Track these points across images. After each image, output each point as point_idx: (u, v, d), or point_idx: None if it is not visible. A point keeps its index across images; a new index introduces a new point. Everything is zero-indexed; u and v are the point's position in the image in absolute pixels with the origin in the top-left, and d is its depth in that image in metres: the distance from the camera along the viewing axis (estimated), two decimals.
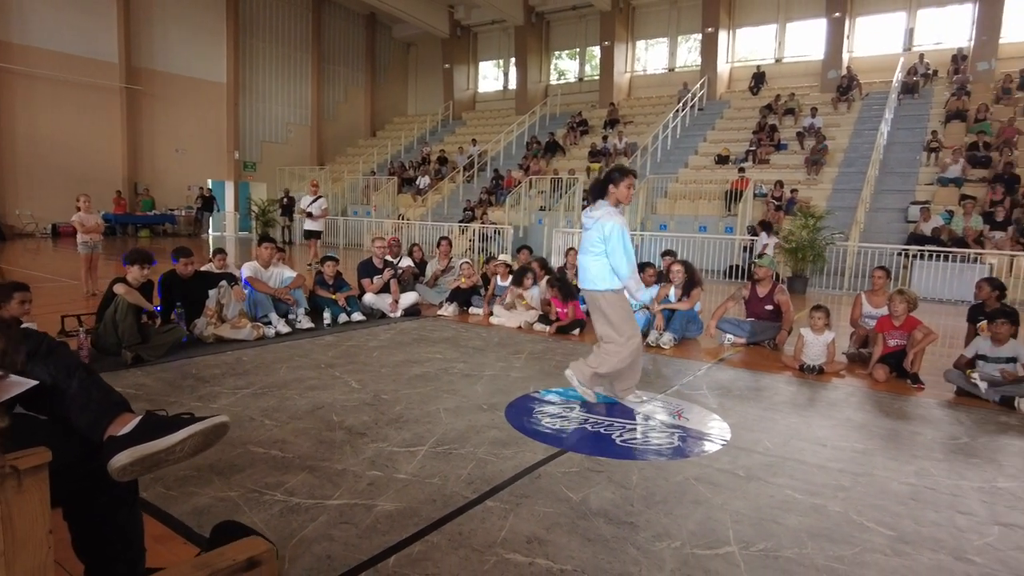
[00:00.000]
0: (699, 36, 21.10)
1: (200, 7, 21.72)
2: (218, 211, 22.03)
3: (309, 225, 12.65)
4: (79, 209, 8.55)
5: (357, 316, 6.89)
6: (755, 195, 13.97)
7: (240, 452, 3.26)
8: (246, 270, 6.49)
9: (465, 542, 2.45)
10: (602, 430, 3.75)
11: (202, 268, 6.59)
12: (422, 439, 3.51)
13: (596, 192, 4.18)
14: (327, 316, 6.74)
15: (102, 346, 5.06)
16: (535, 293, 7.00)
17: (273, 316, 6.27)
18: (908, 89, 16.63)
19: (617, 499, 2.87)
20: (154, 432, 1.67)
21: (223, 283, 6.07)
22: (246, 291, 6.31)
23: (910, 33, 18.40)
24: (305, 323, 6.45)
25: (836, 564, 2.38)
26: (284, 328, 6.22)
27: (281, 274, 6.69)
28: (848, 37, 18.76)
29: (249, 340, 5.85)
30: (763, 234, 11.42)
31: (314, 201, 12.43)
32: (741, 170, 14.79)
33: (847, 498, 2.95)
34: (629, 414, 4.08)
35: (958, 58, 16.79)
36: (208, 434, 1.74)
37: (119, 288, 5.15)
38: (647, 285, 6.83)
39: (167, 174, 21.58)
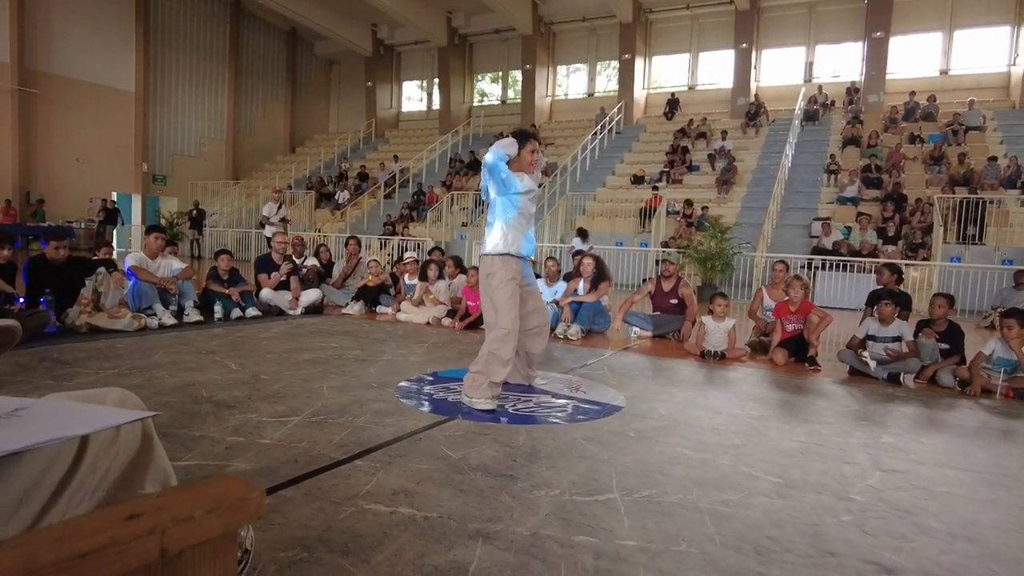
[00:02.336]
0: (617, 63, 21.76)
1: (106, 11, 20.62)
2: (123, 224, 20.72)
3: (271, 232, 12.41)
4: None
5: (252, 312, 6.48)
6: (668, 212, 14.33)
7: None
8: (130, 260, 6.01)
9: (323, 496, 2.20)
10: (498, 401, 3.56)
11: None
12: (297, 411, 3.22)
13: None
14: (218, 310, 6.30)
15: None
16: (442, 287, 6.80)
17: (158, 307, 5.80)
18: (809, 117, 17.62)
19: (500, 456, 2.69)
20: None
21: (101, 270, 5.58)
22: (129, 282, 5.84)
23: (810, 66, 19.59)
24: (193, 316, 6.00)
25: (720, 507, 2.27)
26: (169, 320, 5.76)
27: (170, 266, 6.22)
28: (755, 67, 19.77)
29: (128, 331, 5.37)
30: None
31: (279, 209, 12.20)
32: (655, 188, 15.17)
33: (737, 454, 2.88)
34: (525, 388, 3.92)
35: (852, 90, 17.98)
36: None
37: None
38: (550, 280, 6.76)
39: (67, 184, 20.16)
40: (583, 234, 12.98)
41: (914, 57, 18.41)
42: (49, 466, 0.75)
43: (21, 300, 5.25)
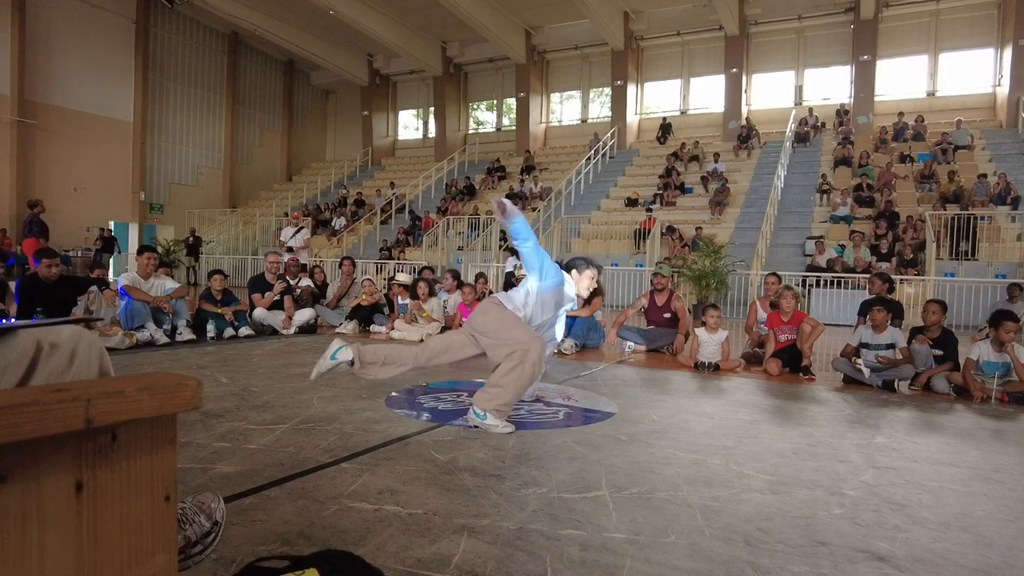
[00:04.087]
0: (609, 90, 22.07)
1: (106, 43, 20.93)
2: (119, 253, 20.75)
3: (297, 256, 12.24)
4: None
5: (245, 331, 6.45)
6: (661, 233, 14.40)
7: None
8: (123, 279, 6.00)
9: (307, 495, 2.17)
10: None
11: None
12: (285, 419, 3.20)
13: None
14: (211, 329, 6.27)
15: None
16: (435, 305, 6.79)
17: (150, 326, 5.77)
18: (800, 138, 17.83)
19: (488, 458, 2.66)
20: None
21: (93, 288, 5.59)
22: (122, 301, 5.82)
23: (799, 90, 19.89)
24: (186, 335, 5.97)
25: (711, 502, 2.24)
26: (162, 338, 5.73)
27: (163, 285, 6.21)
28: (745, 92, 20.06)
29: (120, 348, 5.34)
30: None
31: (296, 233, 11.98)
32: (649, 210, 15.27)
33: (729, 455, 2.85)
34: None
35: (841, 112, 18.23)
36: None
37: None
38: None
39: (64, 214, 20.21)
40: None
41: (901, 79, 18.72)
42: None
43: (12, 320, 5.22)
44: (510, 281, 11.94)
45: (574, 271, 3.69)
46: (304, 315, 7.09)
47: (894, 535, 2.00)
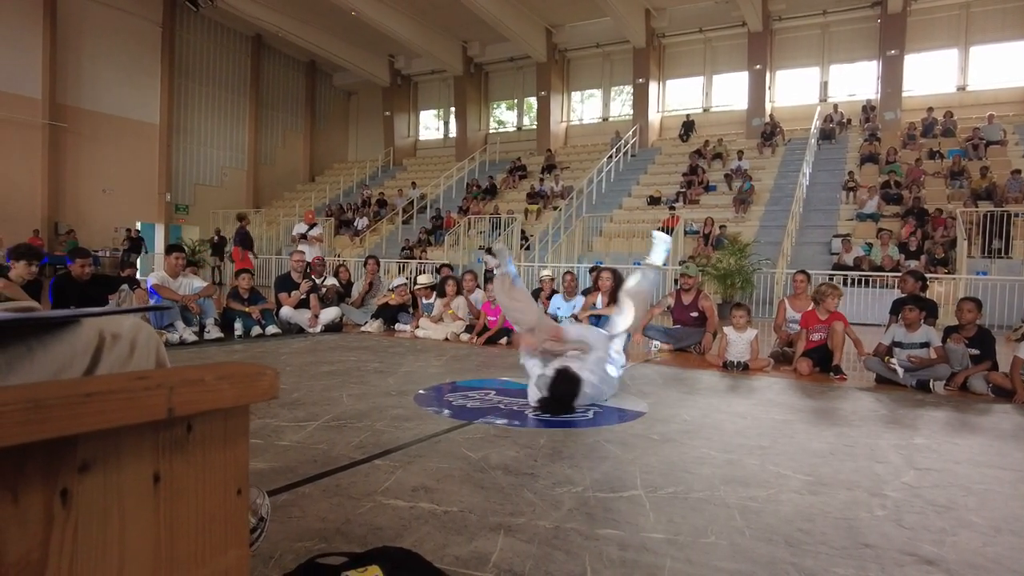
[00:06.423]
0: (631, 87, 21.92)
1: (134, 47, 21.29)
2: (146, 253, 21.10)
3: (304, 247, 12.46)
4: None
5: (272, 329, 6.50)
6: (685, 232, 14.26)
7: None
8: (152, 279, 6.09)
9: (341, 492, 2.18)
10: (515, 407, 3.52)
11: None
12: (316, 416, 3.21)
13: None
14: (238, 328, 6.33)
15: None
16: (461, 303, 6.79)
17: (179, 324, 5.84)
18: (826, 135, 17.54)
19: (520, 456, 2.64)
20: None
21: (124, 287, 5.68)
22: (152, 300, 5.90)
23: (824, 86, 19.57)
24: (214, 333, 6.03)
25: (750, 503, 2.21)
26: (191, 337, 5.80)
27: (190, 284, 6.30)
28: (769, 88, 19.80)
29: None
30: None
31: (310, 228, 12.22)
32: (672, 208, 15.14)
33: (764, 455, 2.80)
34: None
35: (868, 108, 17.89)
36: None
37: None
38: (568, 295, 6.76)
39: (93, 214, 20.63)
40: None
41: (930, 74, 18.32)
42: (59, 372, 0.74)
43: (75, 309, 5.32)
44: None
45: None
46: (330, 314, 7.13)
47: (941, 538, 1.95)
